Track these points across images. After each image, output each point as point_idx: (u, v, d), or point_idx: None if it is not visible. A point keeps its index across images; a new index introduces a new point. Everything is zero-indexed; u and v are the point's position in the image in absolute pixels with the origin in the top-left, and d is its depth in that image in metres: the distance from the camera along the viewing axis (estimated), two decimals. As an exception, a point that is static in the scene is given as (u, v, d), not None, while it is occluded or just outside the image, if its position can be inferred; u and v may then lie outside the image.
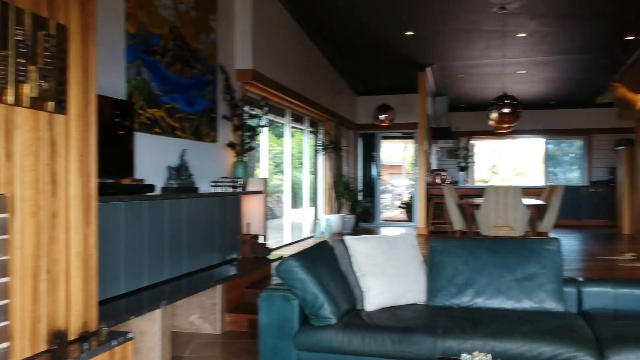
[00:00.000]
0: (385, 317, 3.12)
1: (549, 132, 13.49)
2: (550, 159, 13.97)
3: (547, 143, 13.88)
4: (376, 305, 3.29)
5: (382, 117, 11.51)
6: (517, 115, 6.72)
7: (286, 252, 6.93)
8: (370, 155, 13.48)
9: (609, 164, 13.17)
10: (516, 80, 11.16)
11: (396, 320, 3.07)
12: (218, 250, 4.88)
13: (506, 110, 6.70)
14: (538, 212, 6.71)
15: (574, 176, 13.94)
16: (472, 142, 15.02)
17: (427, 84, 11.11)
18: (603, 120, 13.08)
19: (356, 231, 11.05)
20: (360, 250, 3.43)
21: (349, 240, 3.48)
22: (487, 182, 16.71)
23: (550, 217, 6.57)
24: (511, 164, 16.67)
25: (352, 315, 3.18)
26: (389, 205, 16.79)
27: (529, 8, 7.37)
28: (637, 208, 9.45)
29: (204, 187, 5.10)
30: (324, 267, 3.26)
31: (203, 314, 4.28)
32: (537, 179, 14.02)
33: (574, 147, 13.88)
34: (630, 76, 9.89)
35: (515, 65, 10.10)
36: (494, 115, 6.76)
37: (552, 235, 9.37)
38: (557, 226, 12.41)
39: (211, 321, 4.27)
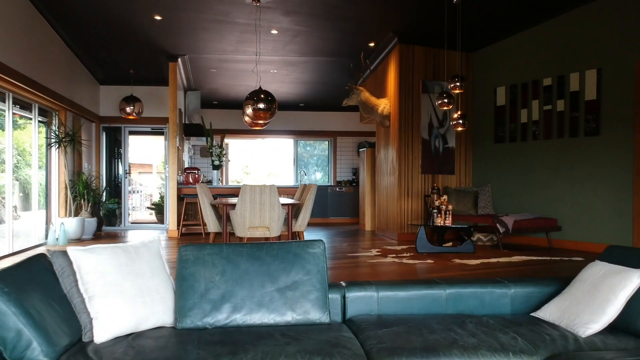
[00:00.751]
0: (121, 351, 2.37)
1: (299, 133, 13.96)
2: (299, 160, 14.47)
3: (296, 144, 14.32)
4: (110, 334, 2.52)
5: (128, 109, 10.37)
6: (273, 111, 6.48)
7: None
8: (117, 151, 12.15)
9: (353, 164, 14.20)
10: (269, 79, 11.16)
11: (134, 353, 2.35)
12: None
13: (261, 106, 6.40)
14: (293, 212, 6.56)
15: (320, 176, 14.69)
16: (226, 140, 14.73)
17: (179, 76, 10.38)
18: (347, 123, 14.04)
19: (98, 236, 9.73)
20: (89, 265, 2.61)
21: (74, 252, 2.63)
22: (240, 182, 16.63)
23: (305, 217, 6.48)
24: (263, 164, 16.89)
25: (75, 351, 2.36)
26: (138, 207, 15.47)
27: (283, 3, 7.23)
28: (377, 206, 10.19)
29: None
30: (35, 290, 2.38)
31: None
32: (288, 179, 14.40)
33: (320, 148, 14.62)
34: (372, 82, 10.66)
35: (268, 64, 10.03)
36: (249, 110, 6.40)
37: (305, 234, 9.76)
38: (308, 224, 13.08)
39: None
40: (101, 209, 11.40)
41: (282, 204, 6.09)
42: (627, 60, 7.08)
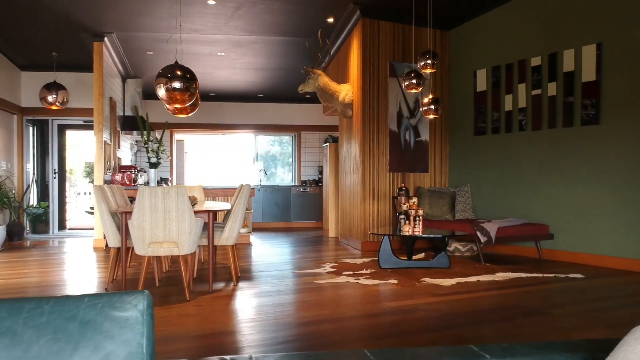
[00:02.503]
0: None
1: (258, 128, 12.53)
2: (261, 157, 13.03)
3: (257, 139, 12.88)
4: None
5: (50, 98, 8.86)
6: (192, 92, 5.05)
7: None
8: (46, 147, 10.61)
9: (319, 162, 12.83)
10: (217, 64, 9.73)
11: None
12: None
13: (176, 85, 4.97)
14: (213, 220, 5.17)
15: (285, 175, 13.26)
16: (181, 136, 13.28)
17: (110, 60, 8.90)
18: (313, 116, 12.65)
19: (10, 247, 8.19)
20: None
21: None
22: (201, 183, 15.13)
23: (233, 227, 5.07)
24: (223, 161, 15.43)
25: None
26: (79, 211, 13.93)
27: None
28: (340, 210, 8.83)
29: None
30: None
31: None
32: (249, 179, 12.95)
33: (284, 144, 13.19)
34: (334, 67, 9.28)
35: (212, 44, 8.59)
36: (162, 91, 4.98)
37: (255, 241, 8.35)
38: (266, 229, 11.73)
39: None
40: (27, 214, 9.89)
41: (199, 211, 4.67)
42: (633, 32, 5.79)
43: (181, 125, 12.16)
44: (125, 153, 10.68)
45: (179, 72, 5.09)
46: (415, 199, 6.30)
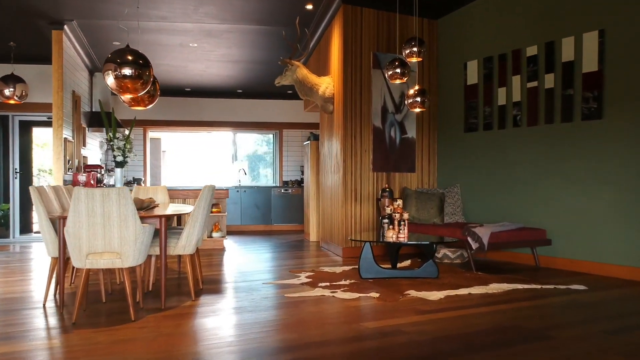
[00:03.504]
0: None
1: (237, 125, 11.87)
2: (247, 157, 12.38)
3: (236, 137, 12.22)
4: None
5: (7, 91, 8.16)
6: (146, 80, 4.41)
7: None
8: (7, 145, 9.90)
9: (301, 162, 12.22)
10: (191, 57, 9.09)
11: None
12: None
13: (127, 72, 4.33)
14: (166, 226, 4.54)
15: (265, 175, 12.62)
16: (157, 134, 12.62)
17: (74, 51, 8.23)
18: (295, 113, 12.03)
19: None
20: None
21: None
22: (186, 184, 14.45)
23: (192, 233, 4.44)
24: (201, 161, 14.76)
25: None
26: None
27: None
28: (321, 212, 8.22)
29: None
30: None
31: None
32: (228, 179, 12.29)
33: (271, 143, 12.54)
34: (315, 60, 8.68)
35: (182, 34, 7.95)
36: (110, 79, 4.34)
37: (230, 246, 7.68)
38: (246, 233, 11.05)
39: None
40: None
41: (149, 216, 4.04)
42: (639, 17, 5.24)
43: (155, 123, 11.49)
44: (93, 152, 9.99)
45: (129, 57, 4.43)
46: (400, 202, 5.70)
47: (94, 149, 10.01)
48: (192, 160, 15.02)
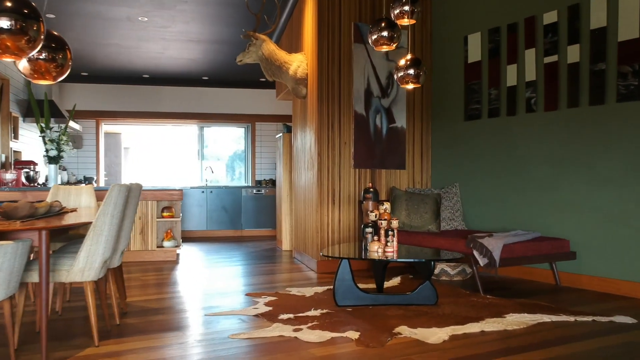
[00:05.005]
0: None
1: (204, 117, 10.53)
2: (207, 152, 11.04)
3: (201, 131, 10.88)
4: None
5: None
6: (33, 36, 3.12)
7: None
8: None
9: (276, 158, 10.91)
10: (143, 35, 7.75)
11: None
12: None
13: (4, 24, 3.05)
14: (48, 242, 3.31)
15: (236, 173, 11.30)
16: (115, 128, 11.25)
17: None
18: (269, 104, 10.73)
19: None
20: None
21: None
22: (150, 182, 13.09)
23: (95, 251, 3.13)
24: (169, 158, 13.43)
25: None
26: None
27: None
28: (294, 216, 6.95)
29: None
30: None
31: None
32: (192, 178, 10.95)
33: (235, 137, 11.22)
34: (287, 36, 7.40)
35: (129, 4, 6.61)
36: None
37: (186, 258, 5.66)
38: (211, 239, 9.59)
39: None
40: None
41: (18, 229, 2.73)
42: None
43: (110, 114, 10.12)
44: (31, 146, 8.61)
45: (8, 4, 3.13)
46: (387, 205, 4.44)
47: (32, 142, 8.63)
48: (158, 157, 13.67)
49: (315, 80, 5.82)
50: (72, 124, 8.72)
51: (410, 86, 4.27)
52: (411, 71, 4.17)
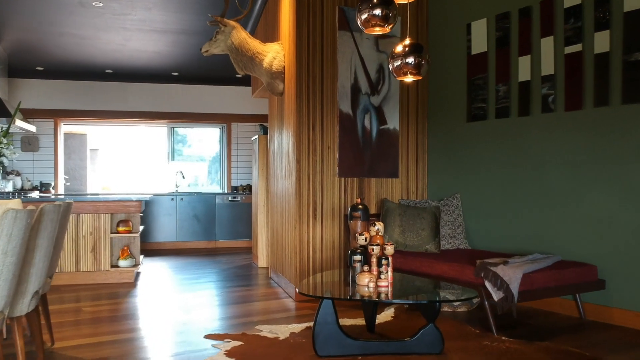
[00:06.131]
0: None
1: (174, 117, 9.60)
2: (179, 155, 10.11)
3: (172, 132, 9.94)
4: None
5: None
6: None
7: None
8: None
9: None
10: (100, 24, 6.82)
11: None
12: None
13: None
14: None
15: (212, 179, 10.37)
16: (77, 129, 10.29)
17: None
18: (247, 103, 9.84)
19: None
20: None
21: None
22: (111, 189, 12.13)
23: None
24: (133, 159, 12.48)
25: None
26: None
27: None
28: (271, 230, 6.09)
29: None
30: None
31: None
32: (162, 185, 10.00)
33: (209, 139, 10.29)
34: (263, 26, 6.53)
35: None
36: None
37: (149, 274, 4.84)
38: (182, 253, 8.42)
39: None
40: None
41: None
42: None
43: (70, 113, 9.15)
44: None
45: None
46: (379, 226, 3.59)
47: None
48: (128, 160, 12.70)
49: (294, 74, 4.95)
50: (23, 124, 7.75)
51: (410, 78, 3.42)
52: (410, 59, 3.31)
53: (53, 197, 7.33)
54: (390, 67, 3.44)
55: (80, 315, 4.39)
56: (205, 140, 10.20)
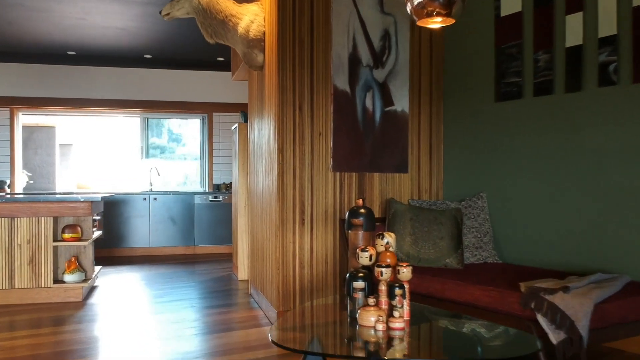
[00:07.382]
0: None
1: (147, 105, 8.51)
2: (155, 149, 9.01)
3: (145, 123, 8.85)
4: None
5: None
6: None
7: None
8: None
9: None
10: (46, -13, 5.73)
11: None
12: None
13: None
14: None
15: (190, 177, 9.28)
16: (42, 120, 9.21)
17: None
18: (230, 91, 8.76)
19: None
20: None
21: None
22: (87, 187, 11.05)
23: None
24: (107, 154, 11.39)
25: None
26: None
27: None
28: (251, 238, 5.02)
29: None
30: None
31: None
32: (137, 182, 8.90)
33: (189, 131, 9.21)
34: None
35: None
36: None
37: (105, 291, 3.82)
38: (155, 260, 7.33)
39: None
40: None
41: None
42: None
43: (28, 101, 8.05)
44: None
45: None
46: (390, 238, 2.54)
47: None
48: (102, 156, 11.62)
49: (276, 42, 3.88)
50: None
51: (437, 23, 2.36)
52: (439, -4, 2.25)
53: (8, 196, 6.25)
54: (409, 6, 2.36)
55: (8, 352, 3.31)
56: (184, 133, 9.12)
